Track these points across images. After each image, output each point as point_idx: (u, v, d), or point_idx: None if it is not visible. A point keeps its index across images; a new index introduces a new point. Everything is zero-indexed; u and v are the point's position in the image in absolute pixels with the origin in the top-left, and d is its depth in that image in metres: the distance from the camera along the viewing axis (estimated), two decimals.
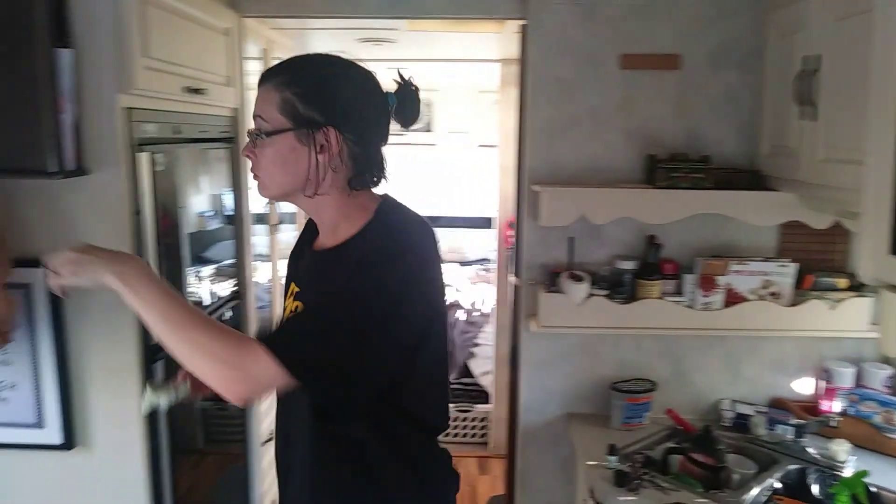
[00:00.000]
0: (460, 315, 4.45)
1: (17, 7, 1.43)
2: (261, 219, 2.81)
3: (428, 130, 5.64)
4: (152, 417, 1.79)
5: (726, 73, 2.26)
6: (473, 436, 4.07)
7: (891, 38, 1.28)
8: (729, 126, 2.28)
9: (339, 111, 1.22)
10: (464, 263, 5.64)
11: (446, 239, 5.86)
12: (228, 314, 2.45)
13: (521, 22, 2.31)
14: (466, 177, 5.88)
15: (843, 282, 2.23)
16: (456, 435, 4.06)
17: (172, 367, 1.88)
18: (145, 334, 1.73)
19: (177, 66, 1.82)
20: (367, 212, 1.28)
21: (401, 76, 1.31)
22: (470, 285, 4.95)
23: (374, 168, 1.29)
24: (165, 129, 1.83)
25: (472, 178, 5.87)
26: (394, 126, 1.32)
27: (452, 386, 4.26)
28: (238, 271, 2.43)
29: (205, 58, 2.05)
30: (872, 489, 1.84)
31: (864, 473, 1.66)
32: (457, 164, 5.92)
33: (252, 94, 2.51)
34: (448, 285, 4.77)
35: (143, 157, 1.66)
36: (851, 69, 1.63)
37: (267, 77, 1.26)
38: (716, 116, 2.28)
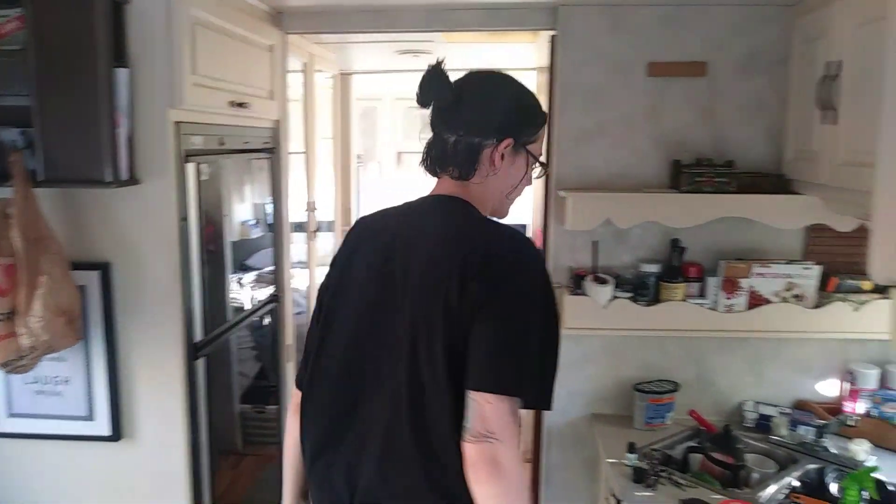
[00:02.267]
0: None
1: (81, 31, 1.58)
2: (300, 227, 2.94)
3: None
4: (193, 414, 1.92)
5: (753, 79, 2.30)
6: None
7: None
8: (755, 131, 2.32)
9: None
10: None
11: None
12: (267, 320, 2.58)
13: (552, 32, 2.40)
14: None
15: (867, 284, 2.25)
16: None
17: (213, 366, 2.03)
18: (189, 334, 1.86)
19: (223, 82, 1.96)
20: None
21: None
22: None
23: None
24: (211, 140, 1.97)
25: None
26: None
27: None
28: (276, 277, 2.56)
29: (249, 73, 2.19)
30: (890, 487, 1.87)
31: (873, 469, 1.70)
32: None
33: (293, 105, 2.66)
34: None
35: (190, 168, 1.80)
36: (870, 74, 1.67)
37: None
38: (742, 122, 2.32)
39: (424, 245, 1.27)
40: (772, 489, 1.92)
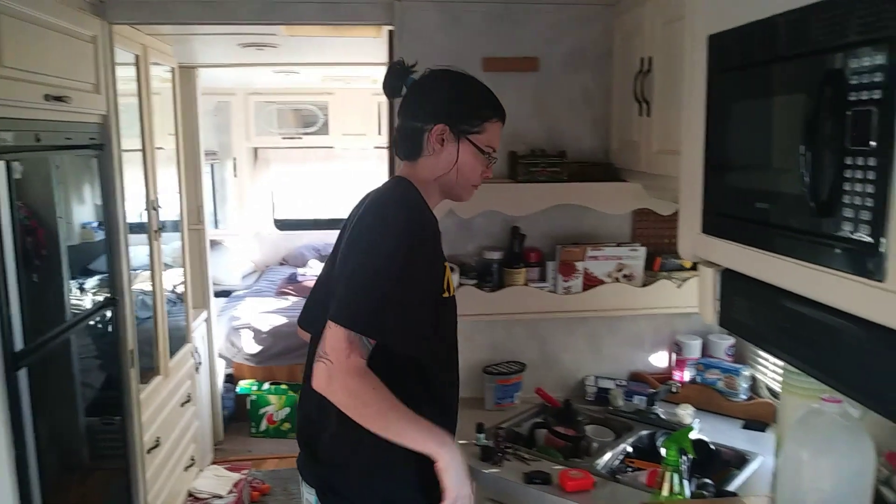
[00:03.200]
0: None
1: None
2: (141, 227, 2.81)
3: (324, 133, 5.69)
4: (16, 426, 1.79)
5: (581, 74, 2.44)
6: None
7: (698, 41, 1.46)
8: (584, 123, 2.47)
9: None
10: None
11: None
12: (110, 327, 2.45)
13: (389, 27, 2.42)
14: (364, 179, 5.94)
15: (688, 262, 2.45)
16: None
17: (45, 377, 1.91)
18: (6, 343, 1.74)
19: (36, 74, 1.83)
20: None
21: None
22: None
23: None
24: (25, 136, 1.83)
25: (369, 180, 5.95)
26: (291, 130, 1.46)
27: None
28: (112, 279, 2.43)
29: (69, 65, 2.06)
30: (712, 446, 2.06)
31: (689, 429, 1.86)
32: (354, 167, 5.99)
33: (124, 101, 2.52)
34: None
35: None
36: (675, 69, 1.82)
37: None
38: (573, 114, 2.46)
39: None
40: (608, 456, 2.06)
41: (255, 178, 6.07)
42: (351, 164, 5.97)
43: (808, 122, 1.05)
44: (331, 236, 6.10)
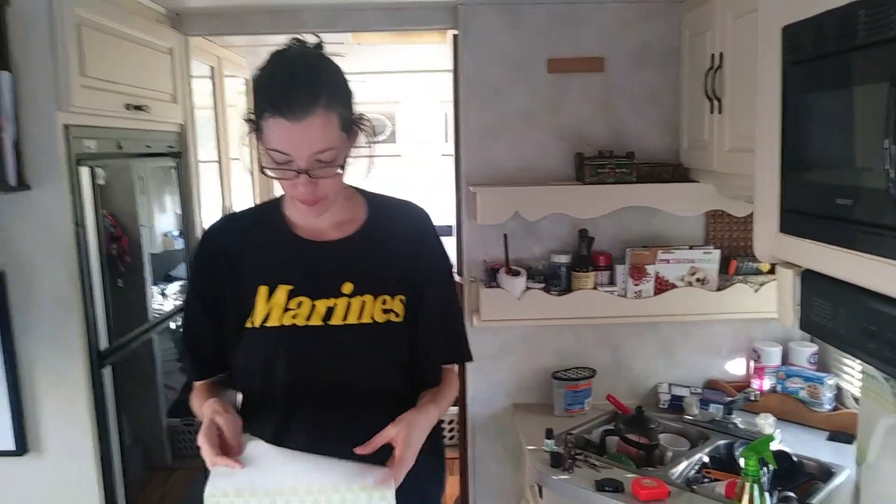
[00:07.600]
0: None
1: None
2: None
3: (392, 141, 5.75)
4: (101, 424, 1.87)
5: (647, 72, 2.38)
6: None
7: (771, 33, 1.41)
8: (652, 123, 2.41)
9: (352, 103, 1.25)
10: None
11: None
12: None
13: (453, 31, 2.43)
14: (430, 186, 5.96)
15: (765, 266, 2.35)
16: None
17: (128, 377, 1.99)
18: (92, 341, 1.82)
19: (117, 84, 1.92)
20: (355, 195, 1.38)
21: None
22: None
23: None
24: (107, 144, 1.92)
25: (435, 187, 5.96)
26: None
27: None
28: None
29: (147, 76, 2.15)
30: (794, 458, 1.96)
31: (770, 438, 1.77)
32: (421, 174, 6.02)
33: (203, 113, 2.62)
34: None
35: (84, 172, 1.76)
36: (747, 64, 1.75)
37: (310, 104, 1.14)
38: (639, 114, 2.40)
39: None
40: (683, 465, 1.99)
41: None
42: (417, 173, 6.01)
43: (891, 112, 0.99)
44: None
